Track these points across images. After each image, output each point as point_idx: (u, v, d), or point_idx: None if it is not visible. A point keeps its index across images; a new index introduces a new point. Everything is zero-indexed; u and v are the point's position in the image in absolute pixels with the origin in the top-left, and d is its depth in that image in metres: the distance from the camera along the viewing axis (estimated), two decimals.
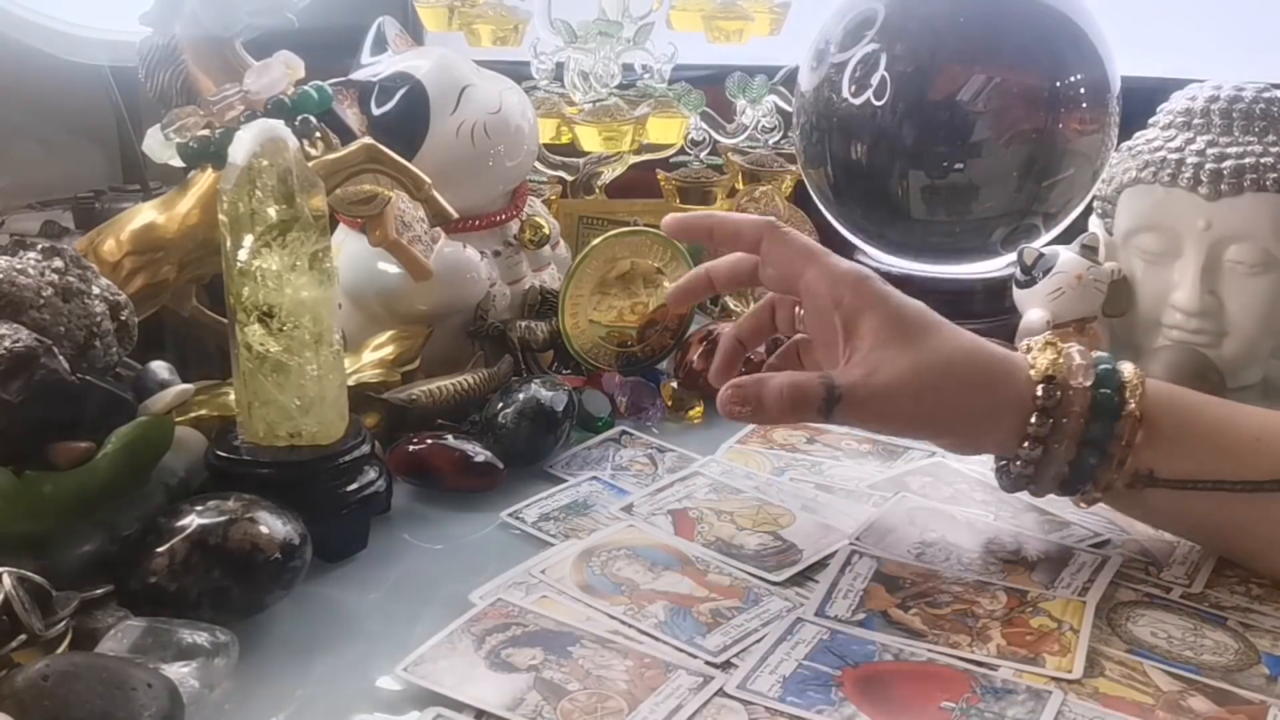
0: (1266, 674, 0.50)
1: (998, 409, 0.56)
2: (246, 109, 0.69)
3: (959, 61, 0.87)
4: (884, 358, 0.55)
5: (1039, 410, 0.54)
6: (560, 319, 0.77)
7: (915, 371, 0.55)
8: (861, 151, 0.91)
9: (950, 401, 0.56)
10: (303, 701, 0.48)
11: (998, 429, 0.56)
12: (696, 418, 0.77)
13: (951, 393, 0.56)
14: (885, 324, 0.56)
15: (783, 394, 0.55)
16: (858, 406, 0.55)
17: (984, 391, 0.56)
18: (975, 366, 0.56)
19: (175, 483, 0.56)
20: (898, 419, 0.57)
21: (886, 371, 0.55)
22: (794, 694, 0.47)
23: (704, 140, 1.03)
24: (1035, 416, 0.55)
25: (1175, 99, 0.83)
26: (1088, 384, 0.55)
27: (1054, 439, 0.55)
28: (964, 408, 0.56)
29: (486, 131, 0.77)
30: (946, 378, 0.55)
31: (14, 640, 0.45)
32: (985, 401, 0.56)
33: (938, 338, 0.56)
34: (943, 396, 0.56)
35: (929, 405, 0.56)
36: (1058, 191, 0.90)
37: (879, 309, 0.56)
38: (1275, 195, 0.77)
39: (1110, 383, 0.55)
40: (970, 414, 0.57)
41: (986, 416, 0.56)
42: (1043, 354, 0.56)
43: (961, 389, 0.56)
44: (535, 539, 0.61)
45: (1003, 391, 0.56)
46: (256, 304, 0.56)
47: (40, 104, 1.11)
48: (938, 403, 0.56)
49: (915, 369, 0.55)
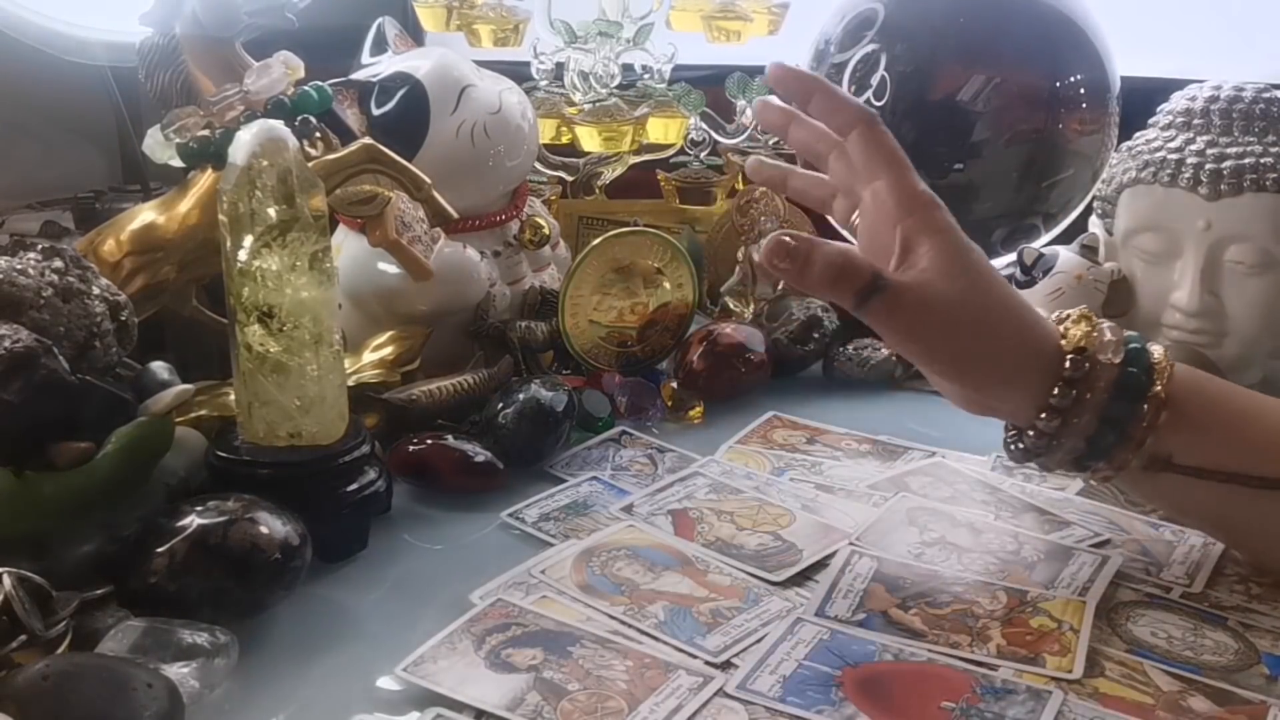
0: (1266, 674, 0.50)
1: (1023, 369, 0.55)
2: (246, 109, 0.69)
3: (959, 61, 0.87)
4: (936, 278, 0.54)
5: (1064, 381, 0.54)
6: (560, 319, 0.77)
7: (960, 303, 0.54)
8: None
9: (981, 345, 0.55)
10: (303, 701, 0.48)
11: (1016, 390, 0.55)
12: (696, 418, 0.77)
13: (986, 338, 0.55)
14: (946, 251, 0.55)
15: (830, 261, 0.54)
16: (897, 306, 0.54)
17: (1015, 348, 0.55)
18: (1014, 321, 0.55)
19: (175, 483, 0.56)
20: (925, 339, 0.56)
21: (935, 290, 0.54)
22: (794, 694, 0.47)
23: (704, 140, 1.03)
24: (1059, 387, 0.54)
25: (1175, 99, 0.83)
26: (1117, 360, 0.54)
27: (1074, 413, 0.54)
28: (991, 356, 0.55)
29: (486, 132, 0.77)
30: (984, 321, 0.55)
31: (14, 640, 0.45)
32: (1013, 358, 0.55)
33: (990, 281, 0.56)
34: (977, 337, 0.55)
35: (961, 340, 0.55)
36: (1058, 192, 0.90)
37: (944, 235, 0.56)
38: (1275, 195, 0.77)
39: (1139, 362, 0.54)
40: (995, 365, 0.55)
41: (1010, 373, 0.55)
42: (1077, 326, 0.56)
43: (995, 337, 0.55)
44: (535, 539, 0.61)
45: (1032, 354, 0.55)
46: (256, 304, 0.56)
47: (40, 104, 1.11)
48: (970, 341, 0.55)
49: (961, 300, 0.54)
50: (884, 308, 0.54)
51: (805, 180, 0.67)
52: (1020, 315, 0.56)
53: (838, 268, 0.54)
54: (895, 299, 0.54)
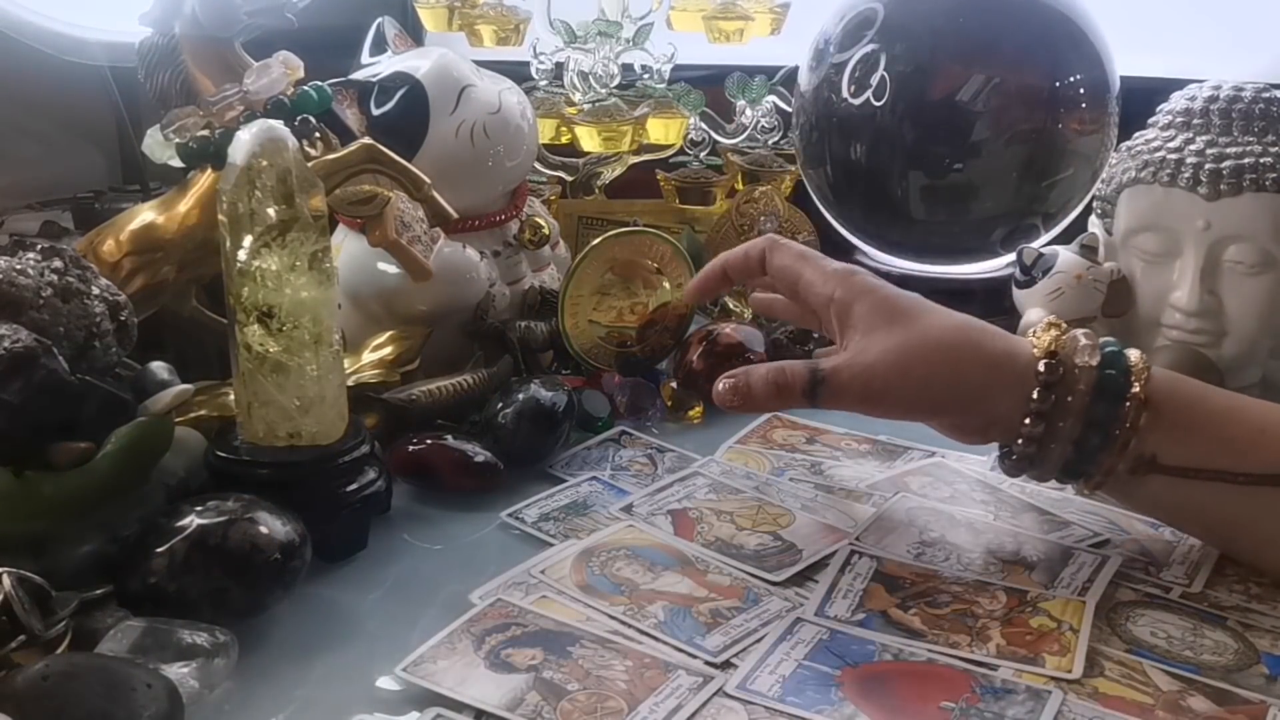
0: (1266, 674, 0.50)
1: (996, 387, 0.56)
2: (246, 109, 0.69)
3: (959, 61, 0.87)
4: (871, 340, 0.57)
5: (1042, 385, 0.55)
6: (560, 319, 0.77)
7: (903, 350, 0.56)
8: (861, 152, 0.91)
9: (942, 378, 0.57)
10: (303, 701, 0.48)
11: (997, 407, 0.57)
12: (696, 418, 0.77)
13: (942, 369, 0.56)
14: (873, 310, 0.58)
15: (767, 380, 0.58)
16: (842, 388, 0.57)
17: (979, 369, 0.56)
18: (969, 344, 0.57)
19: (175, 483, 0.56)
20: (886, 398, 0.58)
21: (872, 352, 0.57)
22: (794, 694, 0.47)
23: (704, 140, 1.03)
24: (1038, 391, 0.55)
25: (1174, 99, 0.83)
26: (1094, 363, 0.55)
27: (1057, 416, 0.55)
28: (957, 384, 0.57)
29: (486, 132, 0.77)
30: (936, 354, 0.56)
31: (14, 640, 0.45)
32: (980, 378, 0.56)
33: (928, 318, 0.58)
34: (933, 372, 0.56)
35: (917, 382, 0.57)
36: (1057, 191, 0.90)
37: (867, 297, 0.58)
38: (1275, 195, 0.77)
39: (1116, 365, 0.55)
40: (965, 391, 0.57)
41: (983, 394, 0.57)
42: (1045, 333, 0.57)
43: (954, 364, 0.57)
44: (535, 539, 0.61)
45: (1002, 370, 0.56)
46: (256, 304, 0.56)
47: (40, 104, 1.11)
48: (927, 379, 0.56)
49: (903, 347, 0.56)
50: (831, 394, 0.57)
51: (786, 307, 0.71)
52: (974, 334, 0.57)
53: (773, 383, 0.58)
54: (837, 381, 0.57)
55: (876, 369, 0.56)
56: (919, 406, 0.59)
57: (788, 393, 0.58)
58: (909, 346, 0.56)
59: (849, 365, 0.57)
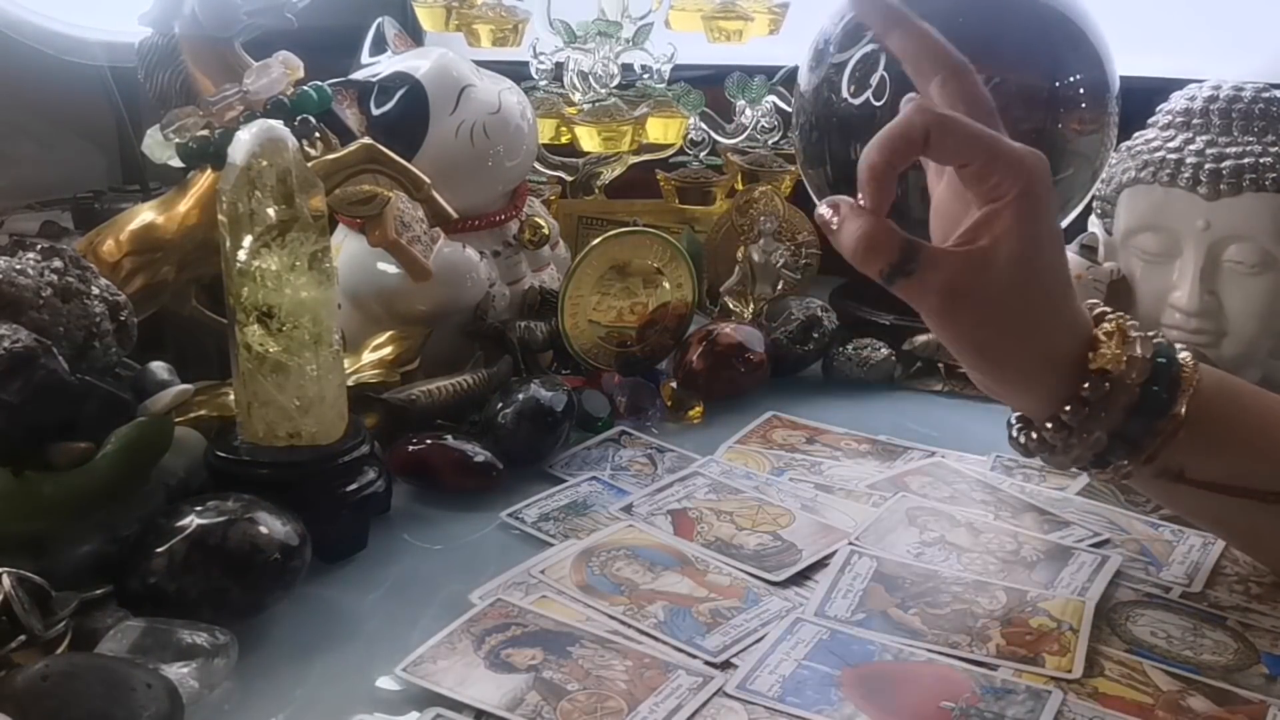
0: (1266, 674, 0.50)
1: (1048, 370, 0.52)
2: (246, 109, 0.69)
3: None
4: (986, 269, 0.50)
5: (1078, 400, 0.51)
6: (560, 319, 0.77)
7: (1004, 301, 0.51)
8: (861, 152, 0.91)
9: (1014, 344, 0.52)
10: (303, 701, 0.48)
11: (1030, 396, 0.53)
12: (696, 418, 0.77)
13: (1020, 337, 0.52)
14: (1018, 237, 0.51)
15: (856, 235, 0.50)
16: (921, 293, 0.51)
17: (1046, 350, 0.52)
18: (1055, 323, 0.52)
19: (175, 483, 0.56)
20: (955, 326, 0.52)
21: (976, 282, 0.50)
22: (794, 694, 0.47)
23: (703, 140, 1.03)
24: (1071, 405, 0.51)
25: (1174, 99, 0.83)
26: (1140, 380, 0.51)
27: (1085, 429, 0.52)
28: (1023, 355, 0.52)
29: (486, 132, 0.77)
30: (1025, 321, 0.51)
31: (14, 640, 0.45)
32: (1044, 362, 0.52)
33: (1047, 282, 0.52)
34: (1009, 335, 0.52)
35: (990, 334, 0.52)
36: (1057, 191, 0.90)
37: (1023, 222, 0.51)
38: (1274, 195, 0.77)
39: (1165, 378, 0.51)
40: (1024, 364, 0.53)
41: (1033, 374, 0.53)
42: (1109, 343, 0.52)
43: (1031, 338, 0.52)
44: (535, 539, 0.61)
45: (1059, 356, 0.52)
46: (256, 304, 0.56)
47: (40, 104, 1.11)
48: (999, 337, 0.52)
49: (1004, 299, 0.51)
50: (908, 291, 0.51)
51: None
52: (1053, 319, 0.52)
53: (860, 243, 0.50)
54: (921, 285, 0.51)
55: (965, 299, 0.50)
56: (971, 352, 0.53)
57: (869, 261, 0.50)
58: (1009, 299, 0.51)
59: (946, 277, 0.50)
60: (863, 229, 0.50)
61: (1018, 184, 0.50)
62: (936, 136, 0.50)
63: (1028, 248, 0.51)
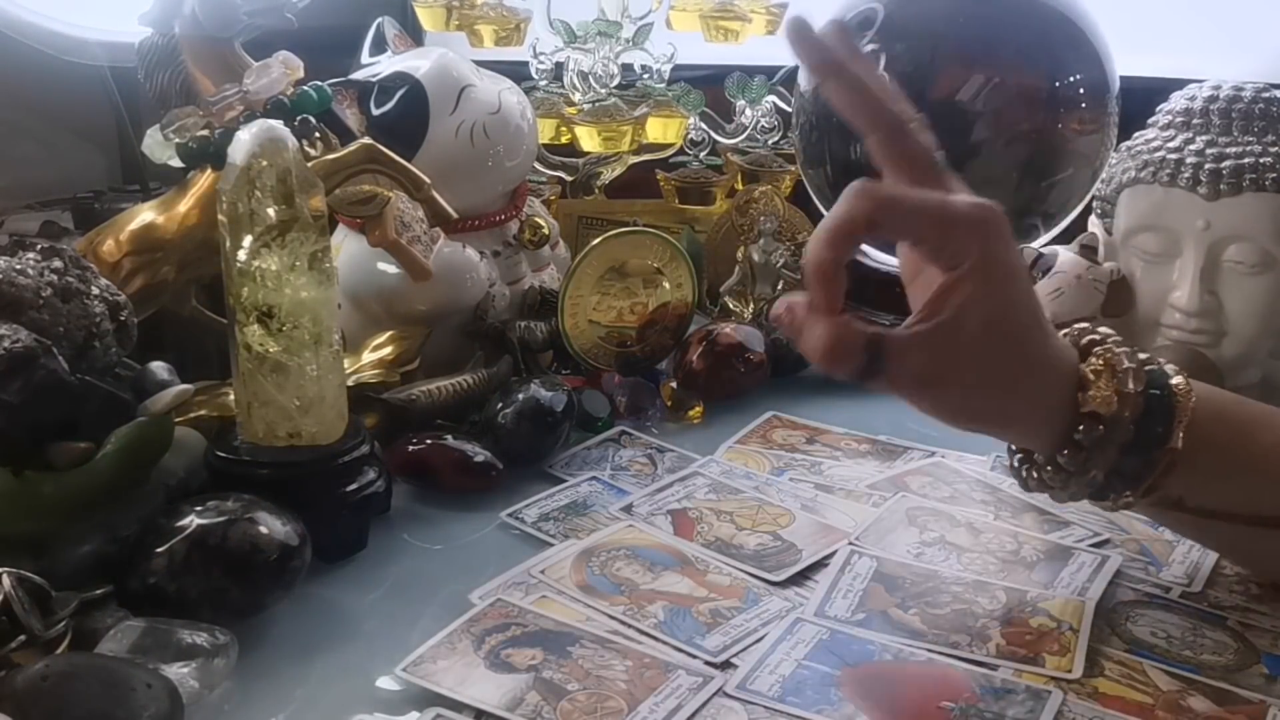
0: (1266, 674, 0.50)
1: (1040, 421, 0.51)
2: (246, 109, 0.69)
3: (958, 62, 0.87)
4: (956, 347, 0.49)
5: (1074, 445, 0.51)
6: (560, 319, 0.77)
7: (983, 376, 0.49)
8: (861, 151, 0.90)
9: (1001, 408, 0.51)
10: (303, 701, 0.48)
11: (1032, 439, 0.53)
12: (696, 418, 0.77)
13: (1007, 401, 0.51)
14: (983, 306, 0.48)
15: (818, 342, 0.48)
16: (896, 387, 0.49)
17: (1035, 404, 0.51)
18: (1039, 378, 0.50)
19: (175, 483, 0.56)
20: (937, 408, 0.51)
21: (949, 364, 0.49)
22: (794, 694, 0.47)
23: (703, 140, 1.03)
24: (1068, 449, 0.51)
25: (1174, 99, 0.83)
26: (1134, 414, 0.50)
27: (1084, 470, 0.51)
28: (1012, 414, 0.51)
29: (486, 132, 0.77)
30: (1008, 387, 0.50)
31: (14, 641, 0.45)
32: (1036, 415, 0.51)
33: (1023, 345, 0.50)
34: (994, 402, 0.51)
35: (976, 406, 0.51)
36: (1057, 191, 0.90)
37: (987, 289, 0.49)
38: (1274, 195, 0.77)
39: (1160, 412, 0.50)
40: (1015, 422, 0.52)
41: (1026, 427, 0.52)
42: (1098, 381, 0.51)
43: (1018, 398, 0.51)
44: (535, 539, 0.61)
45: (1050, 405, 0.51)
46: (256, 304, 0.56)
47: (40, 104, 1.11)
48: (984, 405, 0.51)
49: (984, 374, 0.49)
50: (883, 387, 0.49)
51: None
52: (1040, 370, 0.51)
53: (825, 351, 0.48)
54: (894, 378, 0.49)
55: (937, 373, 0.49)
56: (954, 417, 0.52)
57: (835, 364, 0.48)
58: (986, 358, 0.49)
59: (915, 366, 0.48)
60: (824, 335, 0.48)
61: (975, 247, 0.48)
62: (882, 221, 0.48)
63: (996, 309, 0.49)
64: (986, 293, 0.48)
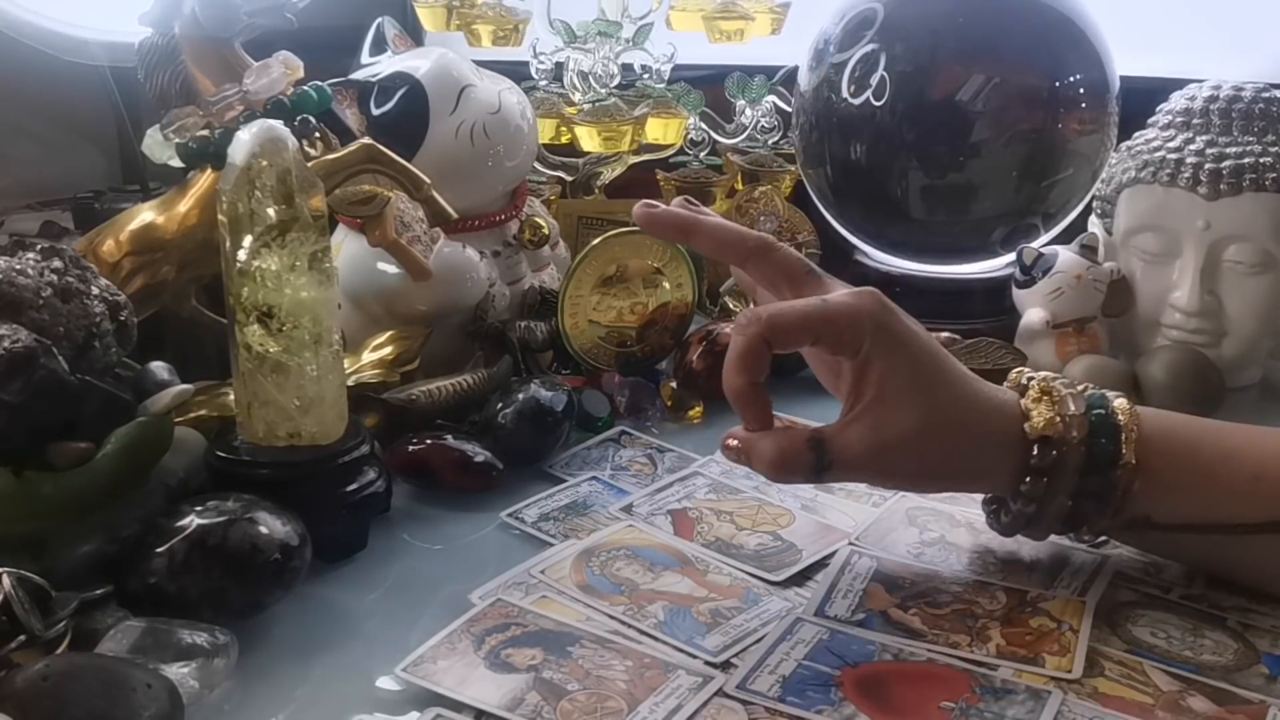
0: (1266, 674, 0.50)
1: (994, 460, 0.54)
2: (246, 109, 0.69)
3: (958, 61, 0.87)
4: (888, 413, 0.52)
5: (1033, 471, 0.53)
6: (560, 319, 0.77)
7: (923, 427, 0.52)
8: (861, 151, 0.91)
9: (954, 455, 0.53)
10: (303, 701, 0.48)
11: (983, 486, 0.57)
12: (696, 418, 0.77)
13: (956, 446, 0.53)
14: (895, 371, 0.52)
15: (767, 460, 0.53)
16: (846, 470, 0.53)
17: (985, 444, 0.53)
18: (979, 415, 0.53)
19: (175, 483, 0.56)
20: (896, 475, 0.55)
21: (889, 429, 0.52)
22: (794, 694, 0.47)
23: (703, 140, 1.03)
24: (1030, 478, 0.53)
25: (1174, 99, 0.83)
26: (1082, 434, 0.52)
27: (1048, 498, 0.53)
28: (967, 460, 0.54)
29: (486, 132, 0.77)
30: (952, 431, 0.53)
31: (14, 641, 0.45)
32: (988, 455, 0.54)
33: (947, 388, 0.53)
34: (947, 451, 0.53)
35: (932, 461, 0.53)
36: (1057, 191, 0.90)
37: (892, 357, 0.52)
38: (1274, 195, 0.77)
39: (1105, 429, 0.53)
40: (970, 467, 0.54)
41: (984, 470, 0.54)
42: (1038, 407, 0.53)
43: (966, 441, 0.53)
44: (535, 539, 0.61)
45: (999, 441, 0.53)
46: (256, 304, 0.56)
47: (40, 104, 1.11)
48: (941, 458, 0.53)
49: (923, 424, 0.52)
50: (836, 476, 0.54)
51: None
52: (982, 404, 0.54)
53: (775, 464, 0.53)
54: (845, 466, 0.53)
55: (892, 446, 0.52)
56: (918, 483, 0.57)
57: (788, 475, 0.54)
58: (930, 423, 0.52)
59: (861, 443, 0.52)
60: (769, 451, 0.53)
61: (865, 330, 0.52)
62: (774, 338, 0.52)
63: (907, 372, 0.52)
64: (894, 362, 0.52)
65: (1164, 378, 0.75)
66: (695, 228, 0.57)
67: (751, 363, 0.53)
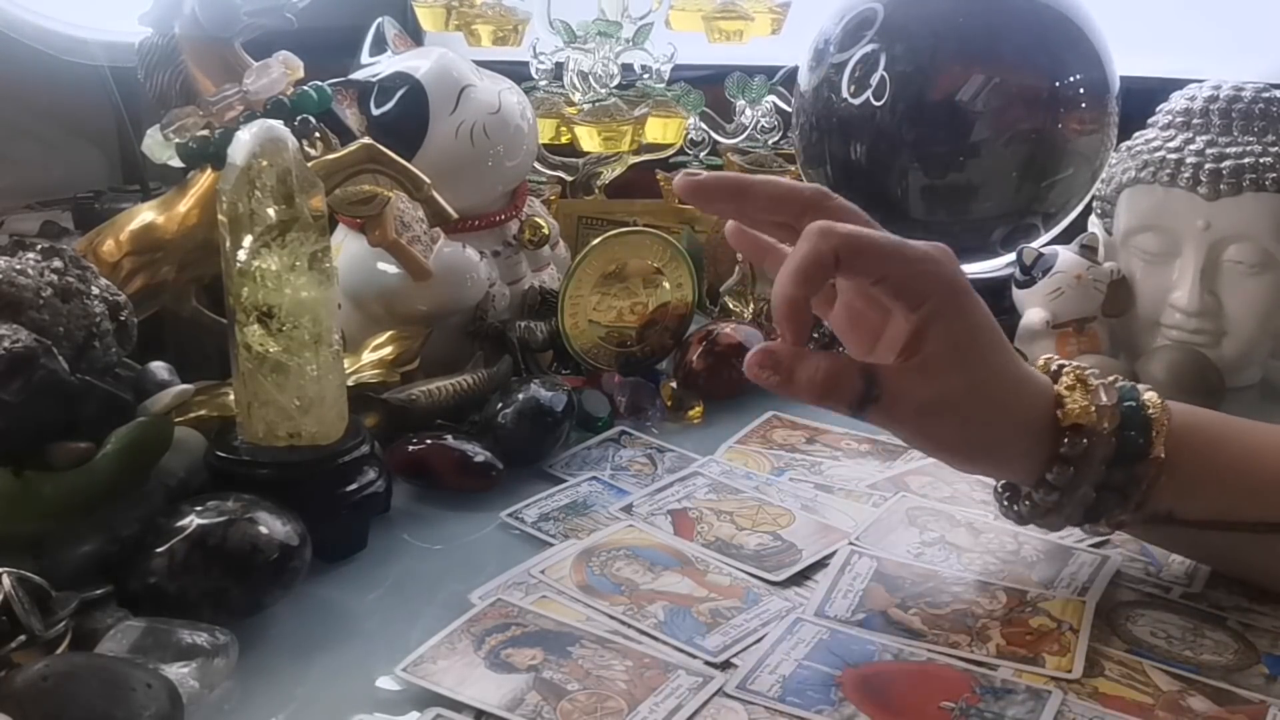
0: (1266, 674, 0.50)
1: (1027, 444, 0.53)
2: (246, 109, 0.69)
3: (958, 62, 0.87)
4: (943, 370, 0.50)
5: (1060, 459, 0.52)
6: (560, 319, 0.77)
7: (972, 391, 0.51)
8: (861, 151, 0.91)
9: (992, 430, 0.52)
10: (303, 701, 0.48)
11: (1010, 469, 0.55)
12: (696, 418, 0.77)
13: (995, 422, 0.52)
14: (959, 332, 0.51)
15: (815, 378, 0.50)
16: (890, 416, 0.51)
17: (1021, 426, 0.52)
18: (1024, 395, 0.52)
19: (175, 483, 0.56)
20: (934, 438, 0.53)
21: (940, 386, 0.50)
22: (794, 694, 0.47)
23: (703, 140, 1.03)
24: (1057, 466, 0.52)
25: (1174, 99, 0.83)
26: (1114, 426, 0.52)
27: (1072, 487, 0.52)
28: (1003, 438, 0.53)
29: (486, 132, 0.77)
30: (995, 406, 0.52)
31: (14, 641, 0.45)
32: (1022, 437, 0.52)
33: (1001, 361, 0.52)
34: (987, 423, 0.52)
35: (972, 432, 0.52)
36: (1057, 191, 0.90)
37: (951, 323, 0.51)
38: (1274, 195, 0.77)
39: (1136, 422, 0.52)
40: (1004, 446, 0.53)
41: (1016, 453, 0.53)
42: (1072, 395, 0.52)
43: (1006, 419, 0.52)
44: (535, 539, 0.61)
45: (1027, 431, 0.52)
46: (256, 304, 0.56)
47: (40, 104, 1.11)
48: (980, 429, 0.52)
49: (972, 389, 0.51)
50: (879, 417, 0.51)
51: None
52: (1018, 393, 0.53)
53: (822, 384, 0.50)
54: (890, 408, 0.51)
55: (932, 407, 0.50)
56: (948, 452, 0.54)
57: (833, 399, 0.50)
58: (969, 399, 0.51)
59: (908, 394, 0.50)
60: (818, 370, 0.50)
61: (939, 285, 0.50)
62: (846, 257, 0.49)
63: (968, 338, 0.51)
64: (959, 325, 0.51)
65: (1164, 378, 0.75)
66: (748, 188, 0.55)
67: (814, 274, 0.49)
